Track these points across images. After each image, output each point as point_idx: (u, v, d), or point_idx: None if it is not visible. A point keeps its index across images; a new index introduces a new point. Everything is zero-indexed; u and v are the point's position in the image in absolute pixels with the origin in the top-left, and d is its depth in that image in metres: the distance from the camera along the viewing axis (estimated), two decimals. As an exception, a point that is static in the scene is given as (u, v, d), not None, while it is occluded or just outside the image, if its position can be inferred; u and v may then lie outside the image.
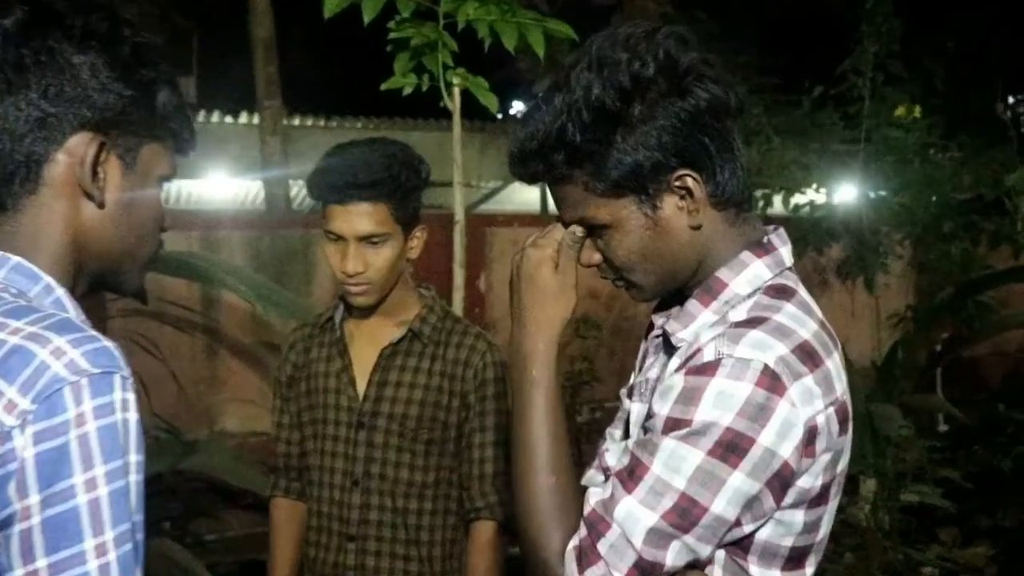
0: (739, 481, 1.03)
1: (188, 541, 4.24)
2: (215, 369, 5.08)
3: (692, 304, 1.16)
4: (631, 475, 1.06)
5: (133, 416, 0.92)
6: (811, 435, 1.06)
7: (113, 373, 0.91)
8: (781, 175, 5.84)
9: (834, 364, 1.11)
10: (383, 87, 2.43)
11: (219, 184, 9.09)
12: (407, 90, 2.46)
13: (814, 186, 5.89)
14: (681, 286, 1.20)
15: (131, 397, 0.92)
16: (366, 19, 2.35)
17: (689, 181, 1.11)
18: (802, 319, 1.11)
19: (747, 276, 1.14)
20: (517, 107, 17.89)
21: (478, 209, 9.16)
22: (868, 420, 3.83)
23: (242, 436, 4.89)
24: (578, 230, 1.18)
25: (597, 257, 1.20)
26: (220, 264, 3.28)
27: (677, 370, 1.10)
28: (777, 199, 5.87)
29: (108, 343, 0.93)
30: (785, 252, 1.18)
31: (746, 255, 1.15)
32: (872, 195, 5.75)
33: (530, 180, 1.18)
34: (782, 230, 1.20)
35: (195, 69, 18.66)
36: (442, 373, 1.93)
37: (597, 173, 1.11)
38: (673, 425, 1.05)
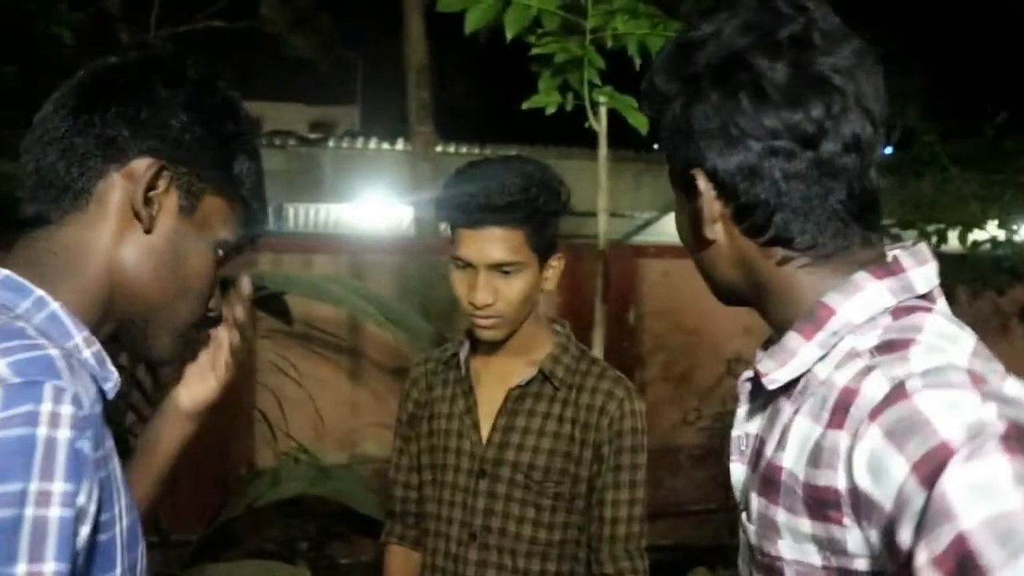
0: None
1: (323, 563, 4.23)
2: (357, 393, 5.09)
3: (791, 337, 0.94)
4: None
5: (64, 434, 0.77)
6: None
7: (41, 383, 0.77)
8: (957, 209, 5.43)
9: None
10: (524, 106, 2.32)
11: (372, 209, 9.28)
12: (550, 110, 2.34)
13: (995, 221, 5.43)
14: (739, 304, 1.04)
15: (67, 412, 0.78)
16: (508, 34, 2.24)
17: (700, 184, 0.96)
18: (955, 335, 0.88)
19: (860, 301, 0.91)
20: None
21: (631, 240, 8.98)
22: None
23: (381, 461, 4.87)
24: None
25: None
26: (354, 287, 3.25)
27: (824, 423, 0.86)
28: (953, 235, 5.44)
29: (53, 352, 0.81)
30: (918, 275, 0.92)
31: (861, 276, 0.92)
32: (1063, 231, 5.26)
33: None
34: (921, 247, 0.95)
35: (358, 98, 19.38)
36: (574, 421, 1.74)
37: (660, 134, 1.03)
38: (930, 469, 0.75)
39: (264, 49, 11.70)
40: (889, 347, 0.86)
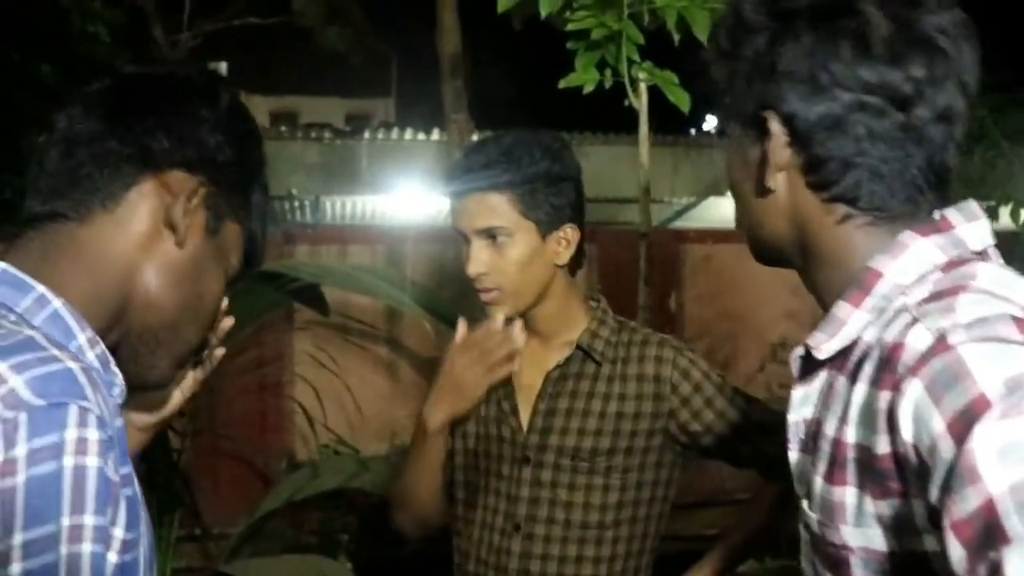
0: None
1: (364, 556, 4.21)
2: (395, 384, 5.06)
3: (840, 307, 0.89)
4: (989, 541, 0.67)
5: (93, 462, 0.72)
6: None
7: (66, 404, 0.72)
8: (1008, 185, 5.27)
9: None
10: (562, 84, 2.25)
11: (409, 200, 9.26)
12: (588, 88, 2.27)
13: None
14: (777, 264, 0.99)
15: (93, 436, 0.73)
16: (543, 11, 2.18)
17: (772, 127, 0.90)
18: (1011, 281, 0.83)
19: (907, 260, 0.87)
20: (711, 122, 17.38)
21: (670, 225, 8.87)
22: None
23: (422, 453, 4.84)
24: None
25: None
26: (390, 277, 3.21)
27: (873, 385, 0.82)
28: (1004, 212, 5.28)
29: (72, 365, 0.76)
30: (968, 232, 0.87)
31: (906, 235, 0.88)
32: (1122, 208, 5.07)
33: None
34: (971, 203, 0.90)
35: (393, 91, 19.41)
36: (622, 396, 1.67)
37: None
38: (963, 423, 0.71)
39: (298, 44, 11.73)
40: (936, 297, 0.82)
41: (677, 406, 1.67)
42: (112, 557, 0.76)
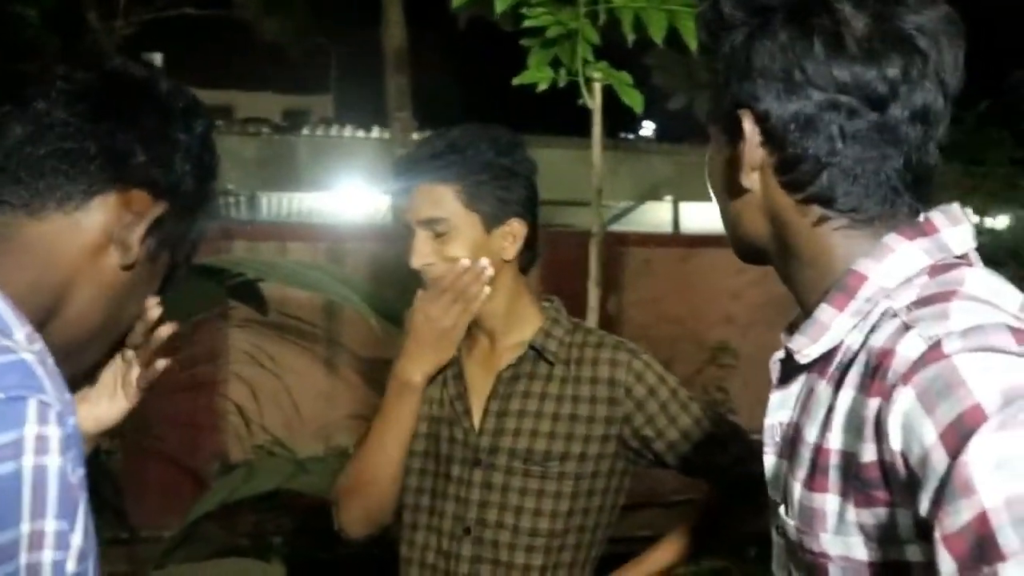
0: None
1: (298, 559, 4.13)
2: (333, 384, 4.98)
3: (823, 311, 0.88)
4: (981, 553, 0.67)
5: (53, 462, 0.68)
6: None
7: (24, 398, 0.68)
8: (938, 197, 5.42)
9: None
10: (515, 82, 2.23)
11: (349, 198, 9.16)
12: (541, 86, 2.24)
13: (977, 209, 5.42)
14: (758, 262, 0.98)
15: (53, 433, 0.69)
16: (498, 7, 2.14)
17: (746, 126, 0.88)
18: (999, 289, 0.82)
19: (892, 263, 0.85)
20: (648, 128, 17.54)
21: (609, 228, 8.92)
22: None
23: (358, 454, 4.77)
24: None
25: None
26: (333, 274, 3.14)
27: (861, 391, 0.80)
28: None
29: (26, 355, 0.71)
30: (952, 235, 0.86)
31: (890, 238, 0.86)
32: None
33: None
34: (954, 207, 0.89)
35: (332, 86, 19.22)
36: (576, 398, 1.65)
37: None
38: (957, 434, 0.70)
39: (236, 37, 11.52)
40: (927, 302, 0.80)
41: (632, 410, 1.64)
42: (71, 565, 0.71)
